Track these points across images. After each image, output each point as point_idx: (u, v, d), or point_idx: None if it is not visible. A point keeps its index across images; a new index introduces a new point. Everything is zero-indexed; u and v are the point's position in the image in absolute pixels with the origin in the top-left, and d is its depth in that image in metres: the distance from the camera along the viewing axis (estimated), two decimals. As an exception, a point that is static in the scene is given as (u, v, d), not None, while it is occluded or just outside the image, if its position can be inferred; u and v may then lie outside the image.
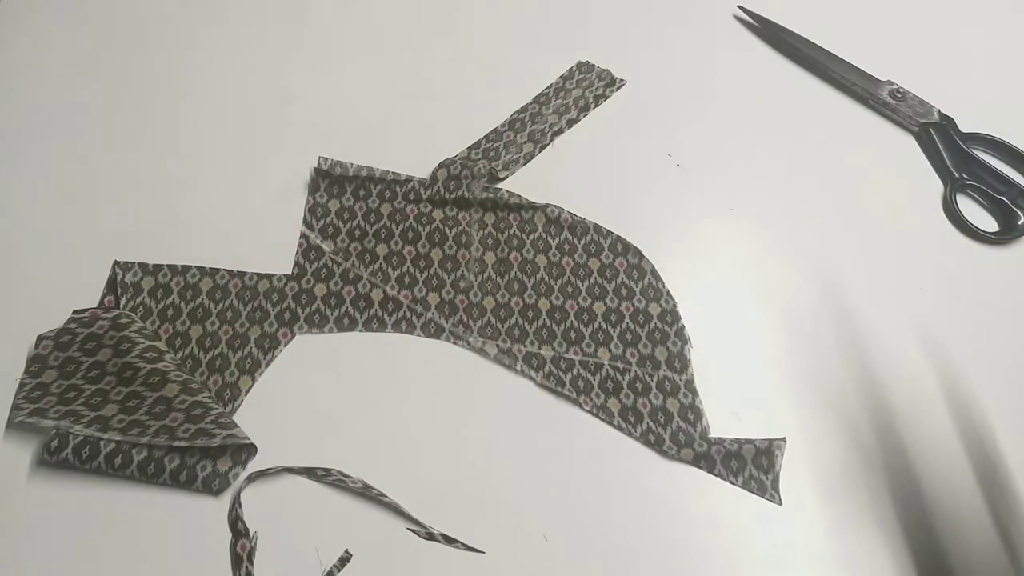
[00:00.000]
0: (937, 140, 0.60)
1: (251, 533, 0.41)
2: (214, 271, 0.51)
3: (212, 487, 0.42)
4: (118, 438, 0.42)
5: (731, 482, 0.45)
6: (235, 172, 0.56)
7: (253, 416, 0.46)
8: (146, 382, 0.44)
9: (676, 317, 0.50)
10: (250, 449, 0.43)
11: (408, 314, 0.50)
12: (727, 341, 0.50)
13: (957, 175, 0.59)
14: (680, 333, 0.50)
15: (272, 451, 0.44)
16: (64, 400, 0.44)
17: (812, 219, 0.56)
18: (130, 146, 0.57)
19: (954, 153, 0.60)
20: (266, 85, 0.61)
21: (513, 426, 0.46)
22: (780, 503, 0.44)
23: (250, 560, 0.41)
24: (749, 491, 0.44)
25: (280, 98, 0.60)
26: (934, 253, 0.55)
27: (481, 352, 0.49)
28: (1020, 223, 0.56)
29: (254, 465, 0.44)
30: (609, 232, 0.54)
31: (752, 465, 0.45)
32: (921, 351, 0.50)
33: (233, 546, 0.41)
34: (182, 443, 0.42)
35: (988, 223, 0.57)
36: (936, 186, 0.59)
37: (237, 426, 0.44)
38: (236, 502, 0.42)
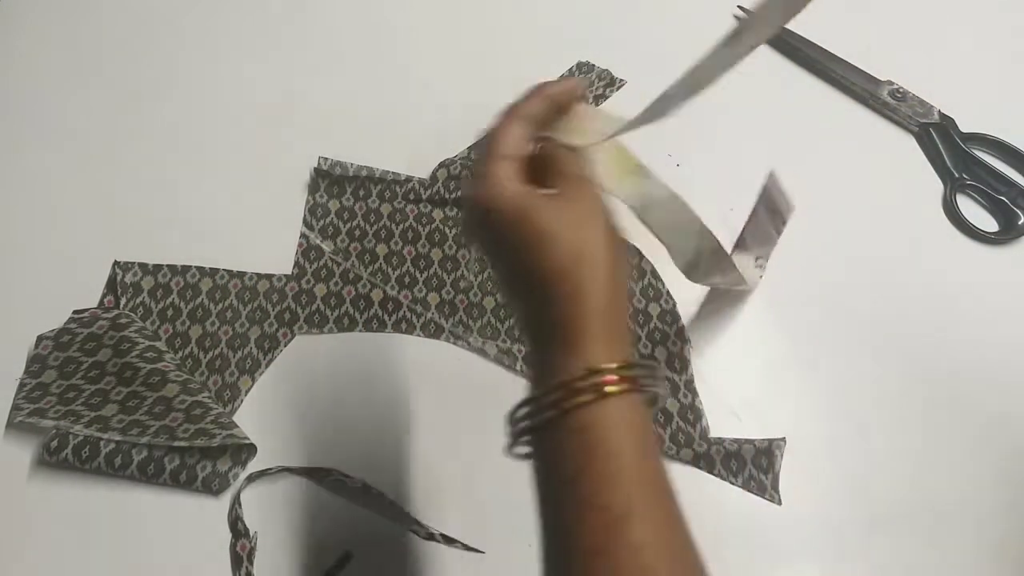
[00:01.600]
0: (937, 140, 0.60)
1: (251, 533, 0.41)
2: (214, 271, 0.51)
3: (212, 487, 0.42)
4: (118, 438, 0.42)
5: (731, 482, 0.45)
6: (235, 172, 0.56)
7: (253, 416, 0.46)
8: (146, 382, 0.44)
9: (676, 317, 0.50)
10: (250, 449, 0.43)
11: (408, 314, 0.50)
12: (727, 341, 0.50)
13: (957, 175, 0.58)
14: (680, 333, 0.50)
15: (272, 451, 0.44)
16: (64, 400, 0.44)
17: (811, 219, 0.56)
18: (130, 146, 0.57)
19: (954, 153, 0.59)
20: (266, 85, 0.61)
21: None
22: (780, 503, 0.44)
23: (250, 560, 0.41)
24: (749, 491, 0.44)
25: (280, 98, 0.60)
26: (934, 253, 0.55)
27: (481, 352, 0.49)
28: (1020, 223, 0.56)
29: (254, 465, 0.44)
30: (609, 232, 0.54)
31: (752, 465, 0.45)
32: (921, 350, 0.50)
33: (233, 546, 0.41)
34: (182, 443, 0.42)
35: (988, 223, 0.57)
36: (936, 186, 0.59)
37: (237, 426, 0.44)
38: (236, 502, 0.42)
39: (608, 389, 0.27)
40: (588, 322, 0.28)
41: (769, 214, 0.46)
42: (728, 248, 0.45)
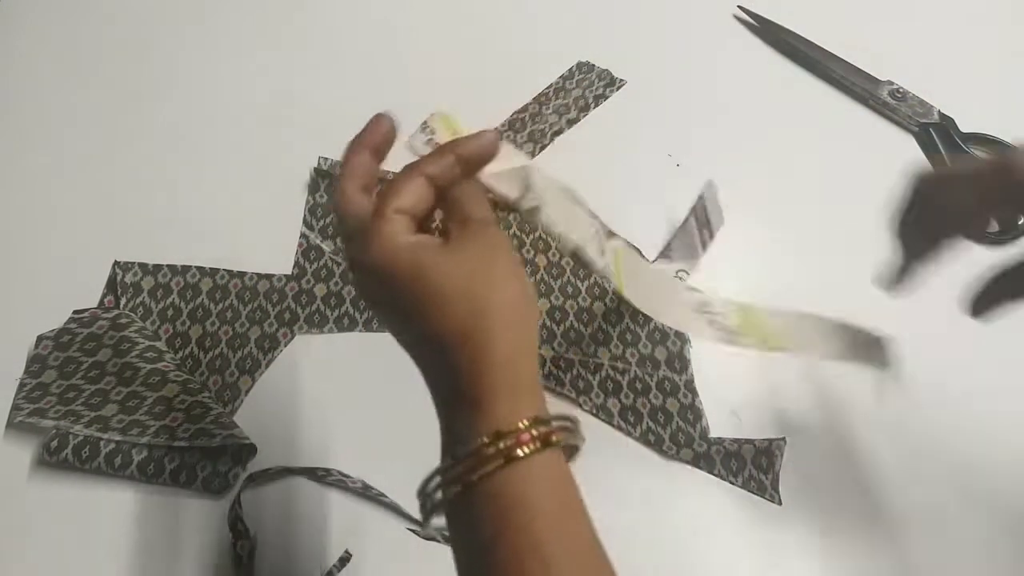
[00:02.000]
0: (937, 140, 0.60)
1: (251, 533, 0.41)
2: (214, 271, 0.51)
3: (212, 487, 0.42)
4: (118, 438, 0.42)
5: (731, 482, 0.45)
6: (235, 172, 0.56)
7: (253, 416, 0.46)
8: (146, 382, 0.44)
9: (676, 317, 0.50)
10: (250, 449, 0.43)
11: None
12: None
13: (957, 175, 0.58)
14: (680, 333, 0.50)
15: (272, 451, 0.44)
16: (64, 400, 0.44)
17: (812, 219, 0.56)
18: (130, 146, 0.57)
19: (954, 153, 0.59)
20: (266, 85, 0.61)
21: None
22: (780, 503, 0.44)
23: (250, 560, 0.41)
24: (749, 491, 0.44)
25: (280, 98, 0.60)
26: (934, 253, 0.55)
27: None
28: (1020, 223, 0.56)
29: (254, 465, 0.44)
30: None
31: (752, 465, 0.45)
32: (921, 351, 0.50)
33: (233, 546, 0.41)
34: (182, 443, 0.42)
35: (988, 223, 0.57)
36: (936, 186, 0.59)
37: (237, 426, 0.44)
38: (236, 502, 0.42)
39: (517, 452, 0.25)
40: (492, 381, 0.26)
41: (699, 225, 0.46)
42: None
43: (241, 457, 0.43)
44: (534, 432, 0.26)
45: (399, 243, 0.28)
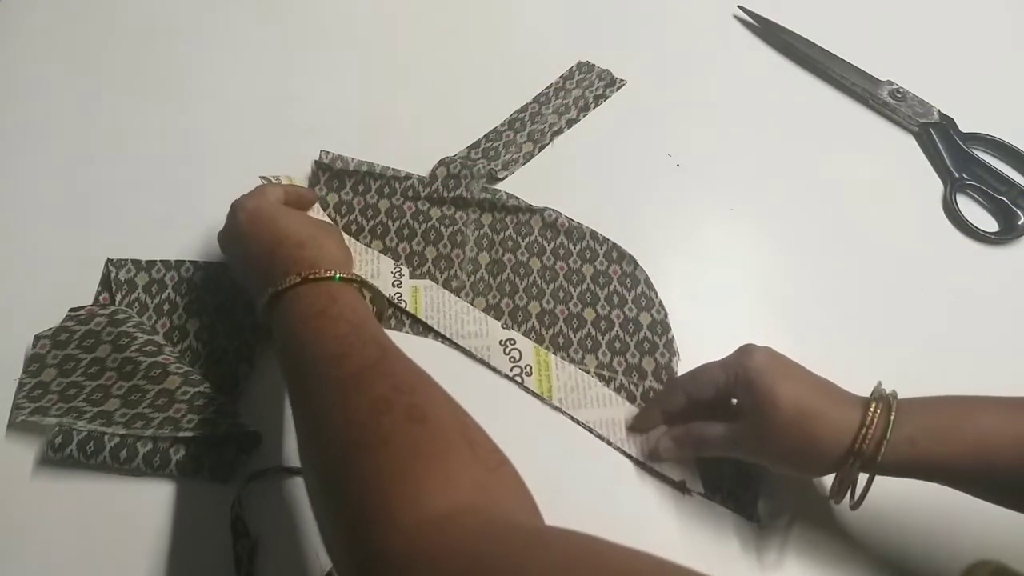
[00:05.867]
0: (937, 140, 0.60)
1: (251, 533, 0.42)
2: (208, 264, 0.51)
3: (218, 476, 0.42)
4: (122, 432, 0.42)
5: (709, 498, 0.44)
6: (235, 172, 0.56)
7: (253, 416, 0.46)
8: (147, 375, 0.44)
9: (666, 328, 0.50)
10: (254, 437, 0.43)
11: (397, 312, 0.50)
12: (727, 341, 0.50)
13: (957, 175, 0.58)
14: (669, 345, 0.49)
15: (272, 450, 0.44)
16: (65, 397, 0.44)
17: (812, 219, 0.56)
18: (129, 146, 0.57)
19: (954, 153, 0.59)
20: (267, 85, 0.61)
21: (508, 428, 0.46)
22: (759, 521, 0.43)
23: (250, 560, 0.41)
24: (728, 509, 0.43)
25: (281, 98, 0.60)
26: (934, 253, 0.55)
27: (467, 352, 0.48)
28: (1020, 223, 0.56)
29: (255, 464, 0.44)
30: (605, 239, 0.53)
31: (731, 483, 0.44)
32: (921, 350, 0.50)
33: (233, 546, 0.41)
34: (187, 433, 0.42)
35: (988, 223, 0.57)
36: (936, 186, 0.59)
37: (240, 415, 0.44)
38: (236, 502, 0.42)
39: (313, 275, 0.39)
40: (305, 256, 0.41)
41: None
42: None
43: (245, 445, 0.43)
44: (331, 275, 0.40)
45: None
